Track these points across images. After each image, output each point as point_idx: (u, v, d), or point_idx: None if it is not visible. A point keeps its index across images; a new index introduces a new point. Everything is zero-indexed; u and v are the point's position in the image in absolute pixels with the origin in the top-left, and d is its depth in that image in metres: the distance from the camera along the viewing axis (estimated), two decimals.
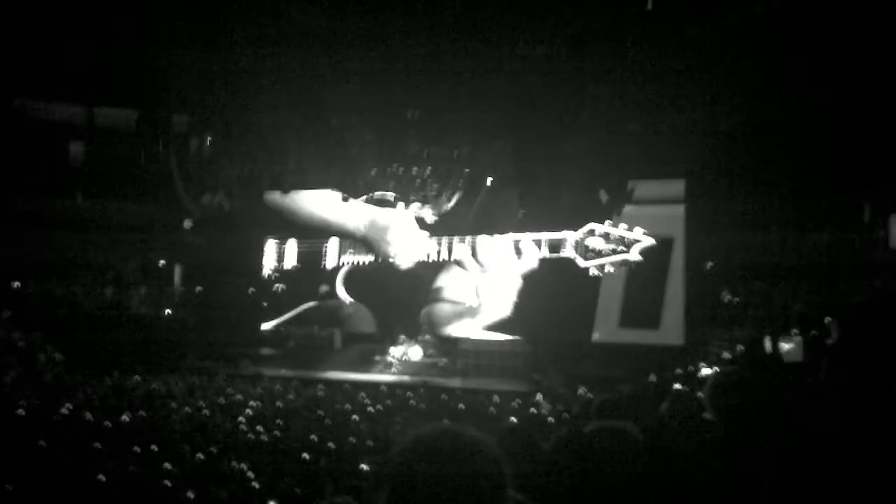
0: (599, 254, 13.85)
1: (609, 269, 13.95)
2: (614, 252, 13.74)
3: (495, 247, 15.80)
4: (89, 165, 20.47)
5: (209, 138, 19.87)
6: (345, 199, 18.51)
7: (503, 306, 17.53)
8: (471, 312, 17.92)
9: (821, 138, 14.89)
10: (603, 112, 16.43)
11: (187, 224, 21.15)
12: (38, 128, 19.75)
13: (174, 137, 20.21)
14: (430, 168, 17.87)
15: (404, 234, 18.29)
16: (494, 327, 17.81)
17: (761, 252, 16.93)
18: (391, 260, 18.37)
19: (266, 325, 20.19)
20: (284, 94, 17.96)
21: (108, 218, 20.25)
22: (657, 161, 16.52)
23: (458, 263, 17.19)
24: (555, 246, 14.83)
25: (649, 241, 13.70)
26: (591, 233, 14.03)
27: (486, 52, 16.18)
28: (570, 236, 14.51)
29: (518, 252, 15.31)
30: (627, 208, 16.56)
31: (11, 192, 18.60)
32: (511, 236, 15.55)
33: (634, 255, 13.63)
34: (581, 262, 14.15)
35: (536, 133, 16.86)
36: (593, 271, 14.20)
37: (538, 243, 15.12)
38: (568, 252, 14.46)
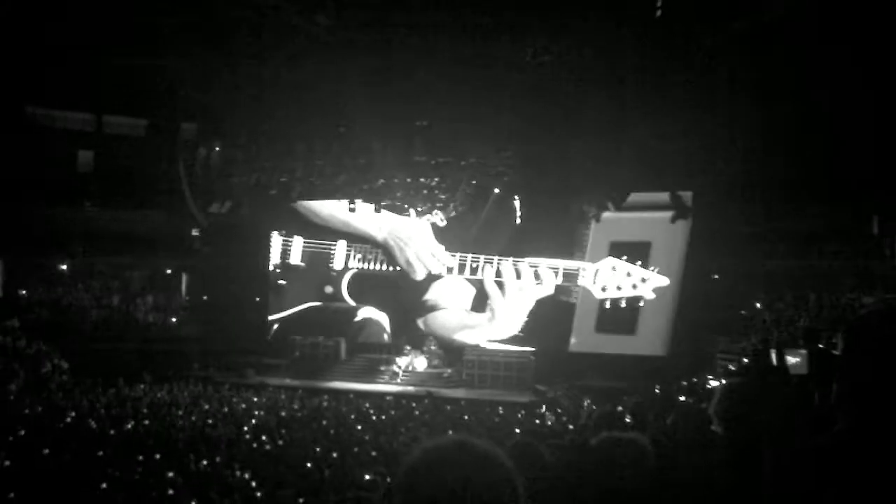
0: (617, 289, 14.14)
1: (622, 303, 14.24)
2: (631, 288, 14.06)
3: (518, 272, 15.76)
4: (97, 173, 20.56)
5: (217, 147, 19.90)
6: (352, 210, 18.46)
7: (515, 325, 17.46)
8: (482, 326, 17.83)
9: (828, 149, 14.86)
10: (608, 122, 16.43)
11: (195, 232, 21.20)
12: (48, 135, 19.86)
13: (183, 146, 20.28)
14: (437, 178, 17.83)
15: (424, 245, 18.32)
16: (503, 342, 17.81)
17: (767, 264, 16.88)
18: (408, 269, 18.40)
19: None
20: (292, 104, 17.99)
21: (116, 226, 20.32)
22: (663, 172, 16.51)
23: (478, 283, 17.13)
24: (571, 275, 14.99)
25: (664, 281, 14.01)
26: (612, 269, 14.23)
27: (492, 63, 16.20)
28: (588, 267, 14.71)
29: (537, 278, 15.40)
30: (607, 214, 16.93)
31: (20, 200, 18.67)
32: (531, 261, 15.57)
33: (649, 294, 13.99)
34: (597, 294, 14.42)
35: (542, 143, 16.87)
36: (606, 304, 14.50)
37: (555, 270, 15.21)
38: (584, 282, 14.67)
